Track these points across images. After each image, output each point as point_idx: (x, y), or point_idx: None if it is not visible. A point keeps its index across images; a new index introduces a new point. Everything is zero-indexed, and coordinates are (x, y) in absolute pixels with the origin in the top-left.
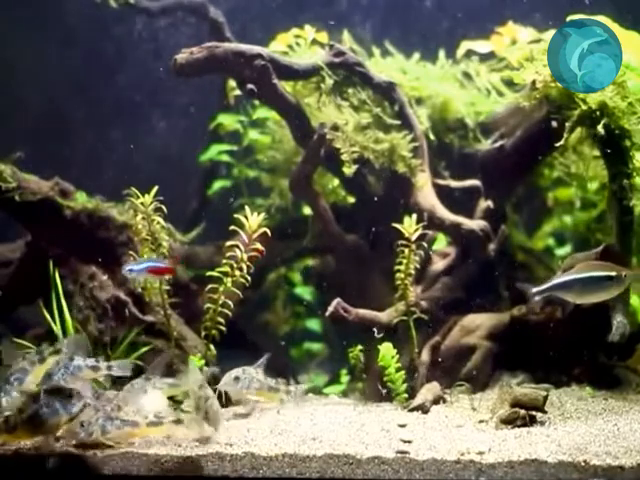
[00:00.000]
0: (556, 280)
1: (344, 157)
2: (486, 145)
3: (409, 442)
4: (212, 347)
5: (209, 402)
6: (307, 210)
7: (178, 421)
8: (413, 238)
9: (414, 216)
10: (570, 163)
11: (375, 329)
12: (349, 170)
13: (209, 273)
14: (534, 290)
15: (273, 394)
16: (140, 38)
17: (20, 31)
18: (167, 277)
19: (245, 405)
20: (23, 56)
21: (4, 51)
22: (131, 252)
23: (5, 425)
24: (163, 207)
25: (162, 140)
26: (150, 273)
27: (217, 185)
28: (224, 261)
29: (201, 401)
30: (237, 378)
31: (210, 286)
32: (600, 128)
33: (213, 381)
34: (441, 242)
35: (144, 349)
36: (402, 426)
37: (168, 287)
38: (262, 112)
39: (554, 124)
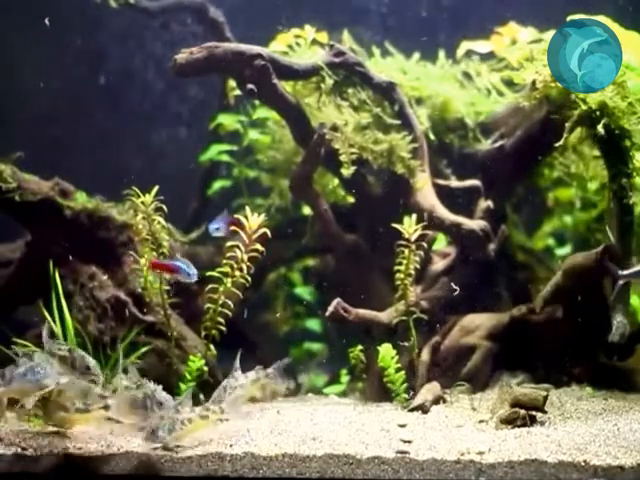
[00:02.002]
0: None
1: (342, 158)
2: (486, 145)
3: (409, 442)
4: (212, 347)
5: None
6: (307, 210)
7: (106, 407)
8: (413, 238)
9: (414, 216)
10: (570, 163)
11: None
12: (347, 172)
13: (209, 273)
14: (620, 273)
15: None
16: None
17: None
18: (167, 277)
19: None
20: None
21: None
22: (131, 252)
23: None
24: (163, 207)
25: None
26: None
27: (217, 185)
28: (224, 261)
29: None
30: (225, 388)
31: (210, 286)
32: (600, 128)
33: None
34: (441, 242)
35: (144, 349)
36: (402, 426)
37: (168, 287)
38: (262, 112)
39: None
